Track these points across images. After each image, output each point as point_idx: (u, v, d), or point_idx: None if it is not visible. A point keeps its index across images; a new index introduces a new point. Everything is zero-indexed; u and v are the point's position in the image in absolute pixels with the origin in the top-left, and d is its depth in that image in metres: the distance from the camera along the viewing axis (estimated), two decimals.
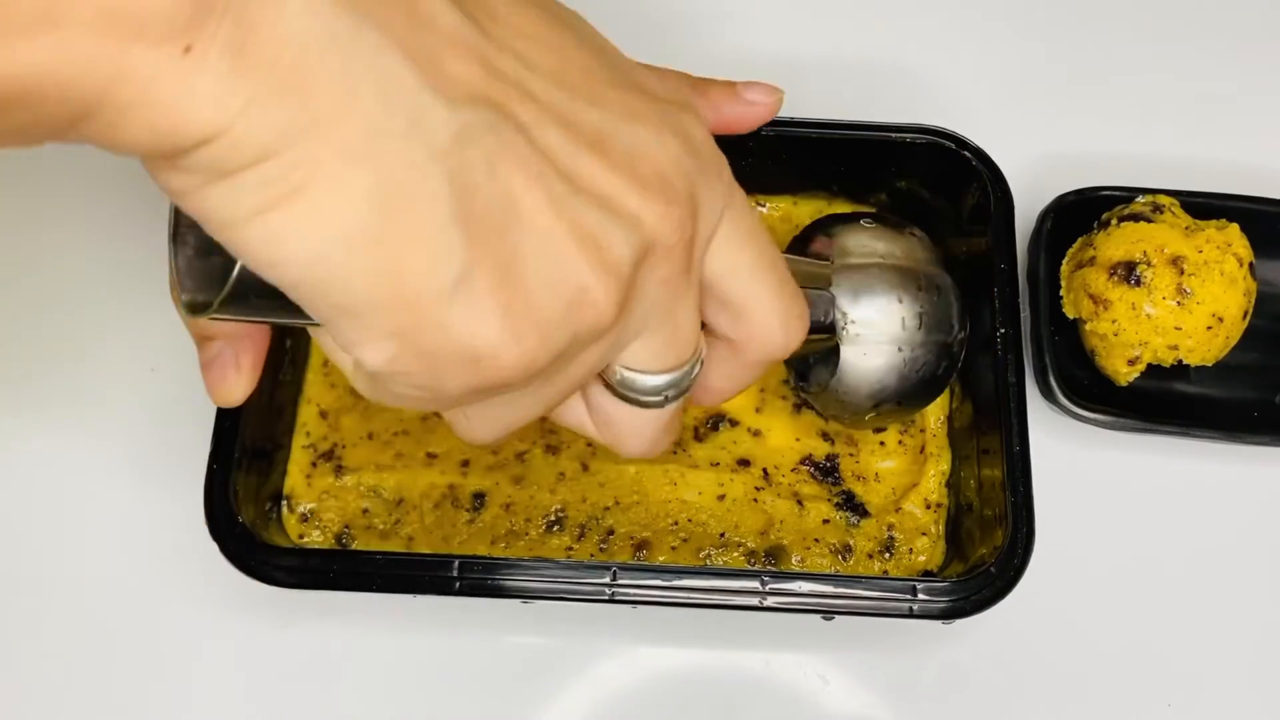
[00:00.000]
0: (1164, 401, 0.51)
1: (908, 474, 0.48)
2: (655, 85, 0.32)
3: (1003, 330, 0.44)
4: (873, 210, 0.50)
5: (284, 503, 0.47)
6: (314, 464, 0.47)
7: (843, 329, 0.41)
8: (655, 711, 0.47)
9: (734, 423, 0.49)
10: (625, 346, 0.31)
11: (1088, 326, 0.49)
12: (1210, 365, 0.50)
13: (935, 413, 0.49)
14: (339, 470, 0.47)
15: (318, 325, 0.28)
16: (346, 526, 0.47)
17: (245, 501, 0.43)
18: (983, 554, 0.43)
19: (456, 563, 0.41)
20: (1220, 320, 0.48)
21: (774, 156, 0.49)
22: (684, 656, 0.48)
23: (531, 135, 0.27)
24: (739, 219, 0.32)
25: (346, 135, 0.23)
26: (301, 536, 0.47)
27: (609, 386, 0.32)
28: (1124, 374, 0.50)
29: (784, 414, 0.49)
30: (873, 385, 0.43)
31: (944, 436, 0.48)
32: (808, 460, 0.49)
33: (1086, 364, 0.51)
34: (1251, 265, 0.49)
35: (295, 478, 0.47)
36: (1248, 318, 0.49)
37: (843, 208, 0.52)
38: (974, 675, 0.48)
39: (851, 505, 0.48)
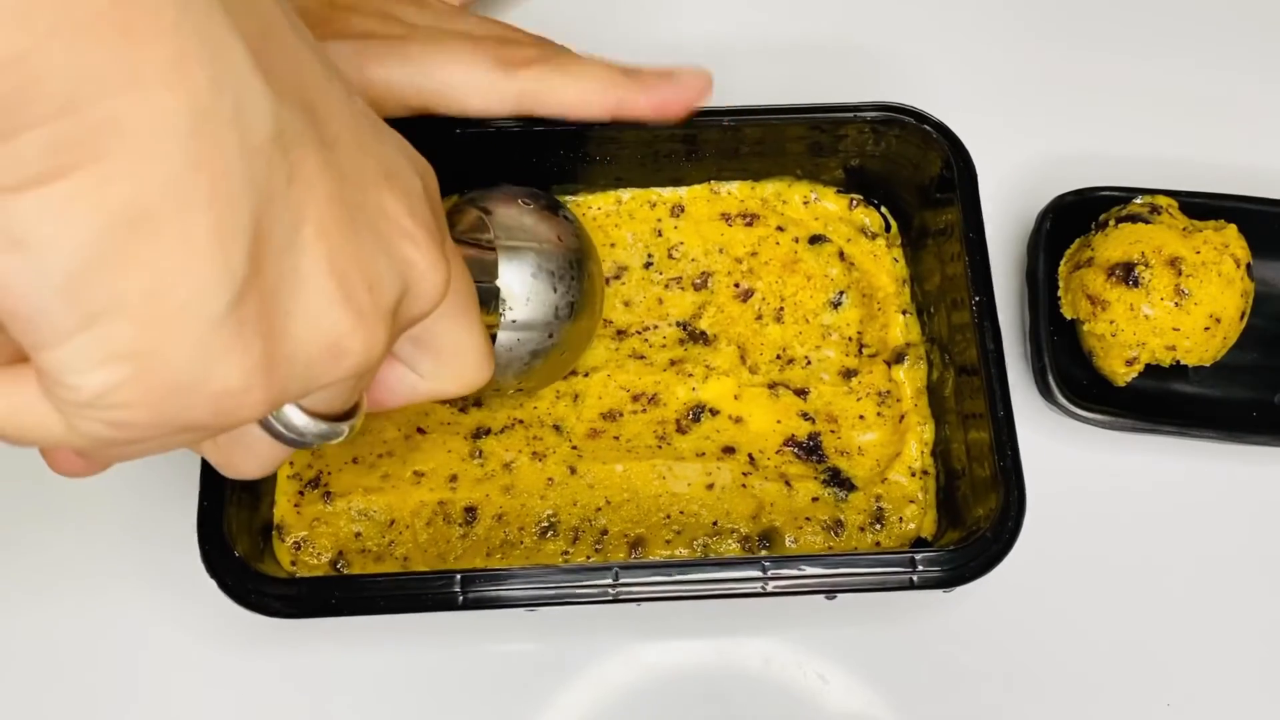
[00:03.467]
0: (1162, 401, 0.51)
1: (889, 444, 0.49)
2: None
3: (977, 298, 0.45)
4: (535, 189, 0.47)
5: (275, 533, 0.47)
6: (301, 492, 0.47)
7: (500, 315, 0.41)
8: (657, 708, 0.48)
9: (714, 412, 0.49)
10: None
11: (1086, 327, 0.50)
12: (1208, 365, 0.50)
13: (911, 383, 0.49)
14: (327, 496, 0.47)
15: None
16: (340, 552, 0.46)
17: (239, 535, 0.43)
18: (979, 516, 0.43)
19: (459, 577, 0.41)
20: (1218, 321, 0.48)
21: (737, 143, 0.49)
22: (685, 650, 0.48)
23: (333, 154, 0.24)
24: (456, 266, 0.30)
25: (167, 104, 0.20)
26: (294, 564, 0.46)
27: None
28: (1122, 374, 0.50)
29: (762, 398, 0.50)
30: (520, 367, 0.43)
31: (925, 406, 0.49)
32: (791, 441, 0.49)
33: (1085, 364, 0.51)
34: (1249, 266, 0.49)
35: (284, 507, 0.47)
36: (1245, 318, 0.50)
37: (803, 190, 0.52)
38: (973, 674, 0.49)
39: (838, 481, 0.48)
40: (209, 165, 0.21)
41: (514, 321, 0.42)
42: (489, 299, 0.41)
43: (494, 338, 0.42)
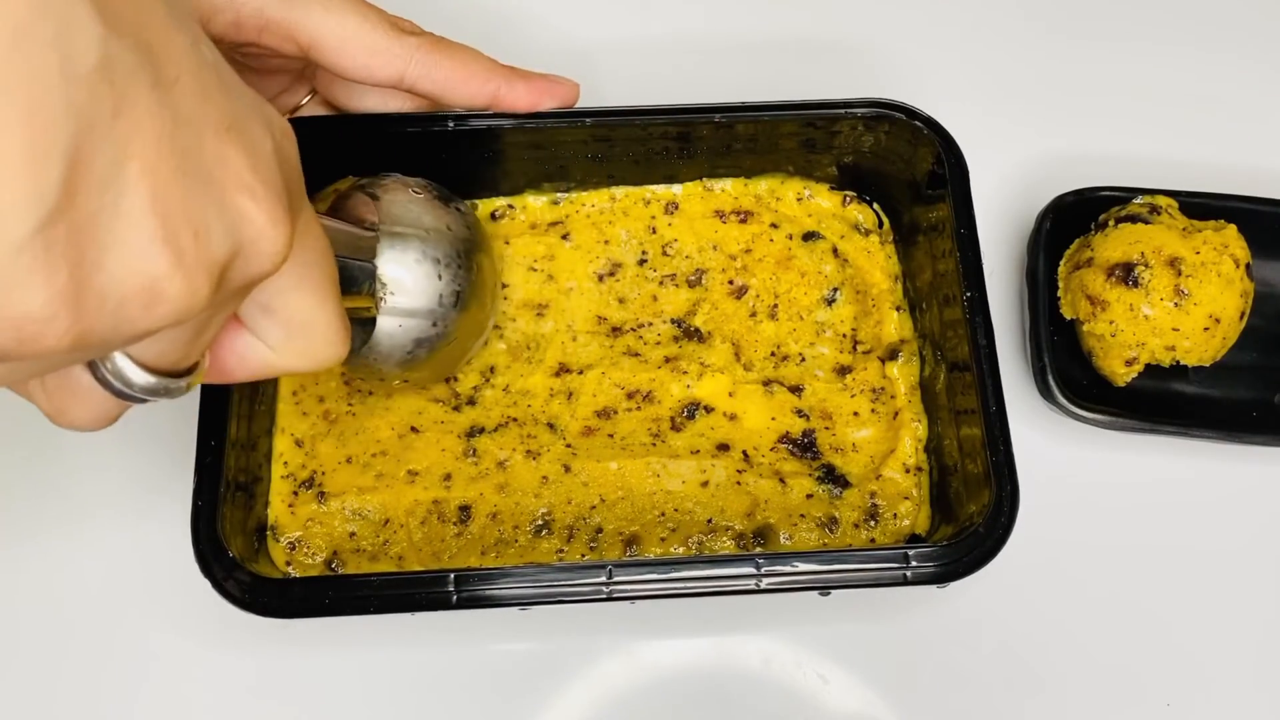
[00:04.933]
0: (1162, 401, 0.51)
1: (884, 441, 0.49)
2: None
3: (969, 294, 0.45)
4: (426, 180, 0.46)
5: (270, 533, 0.47)
6: (295, 493, 0.47)
7: (381, 299, 0.41)
8: (657, 708, 0.48)
9: (709, 409, 0.49)
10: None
11: (1085, 327, 0.50)
12: (1208, 365, 0.50)
13: (905, 379, 0.49)
14: (321, 496, 0.47)
15: None
16: (335, 552, 0.46)
17: (234, 535, 0.43)
18: (971, 512, 0.43)
19: (452, 576, 0.41)
20: (1217, 321, 0.48)
21: (730, 140, 0.49)
22: (682, 648, 0.48)
23: (168, 95, 0.24)
24: (313, 237, 0.31)
25: None
26: (289, 564, 0.46)
27: (91, 362, 0.29)
28: (1122, 374, 0.50)
29: (756, 395, 0.50)
30: (404, 355, 0.43)
31: (918, 403, 0.49)
32: (785, 438, 0.49)
33: (1085, 364, 0.51)
34: (1249, 266, 0.49)
35: (278, 508, 0.47)
36: (1245, 318, 0.50)
37: (796, 187, 0.52)
38: (973, 672, 0.49)
39: (833, 477, 0.48)
40: (24, 84, 0.21)
41: (395, 307, 0.42)
42: (363, 278, 0.40)
43: (373, 321, 0.42)
